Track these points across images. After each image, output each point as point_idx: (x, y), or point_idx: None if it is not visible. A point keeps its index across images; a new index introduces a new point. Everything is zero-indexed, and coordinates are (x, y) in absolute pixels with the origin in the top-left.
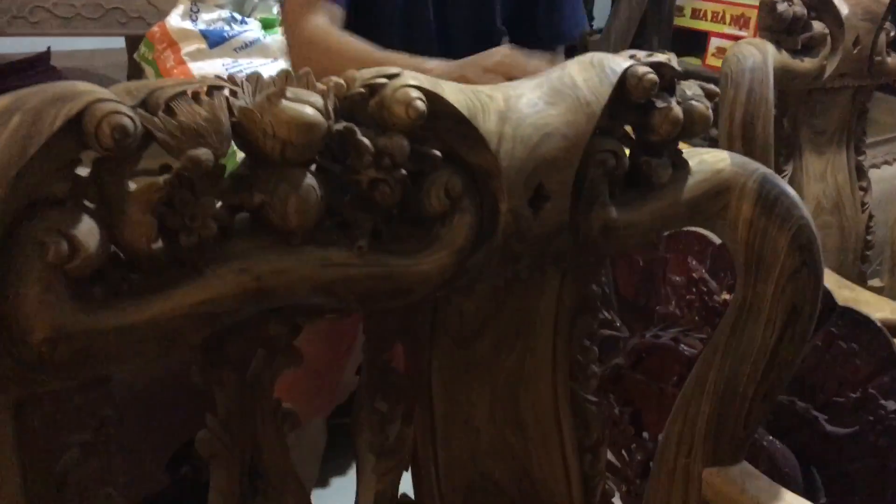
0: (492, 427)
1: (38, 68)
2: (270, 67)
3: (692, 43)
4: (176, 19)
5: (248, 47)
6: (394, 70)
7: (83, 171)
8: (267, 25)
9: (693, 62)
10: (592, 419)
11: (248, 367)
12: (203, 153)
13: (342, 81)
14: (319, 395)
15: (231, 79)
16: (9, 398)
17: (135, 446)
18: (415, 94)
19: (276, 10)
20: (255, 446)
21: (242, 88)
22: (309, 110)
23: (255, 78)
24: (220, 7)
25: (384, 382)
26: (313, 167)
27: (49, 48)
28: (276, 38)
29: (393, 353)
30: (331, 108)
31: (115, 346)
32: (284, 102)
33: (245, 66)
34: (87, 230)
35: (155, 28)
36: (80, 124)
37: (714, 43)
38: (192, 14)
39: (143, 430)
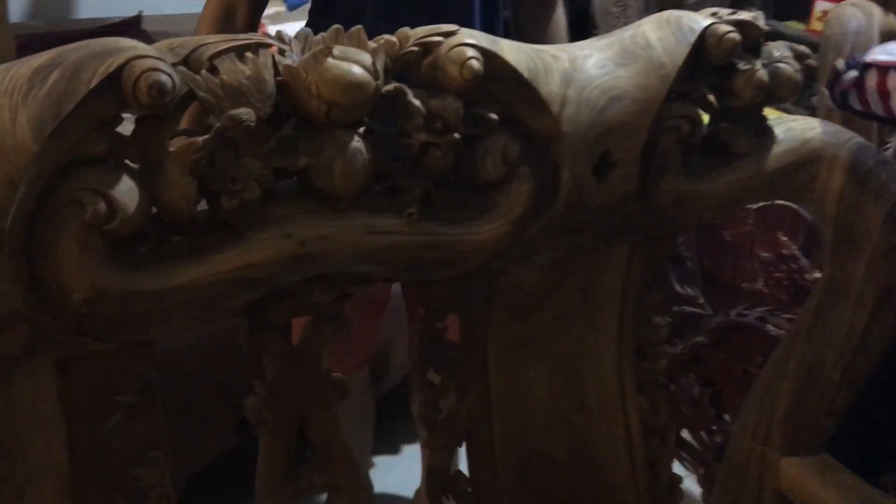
0: (551, 404)
1: (128, 33)
2: None
3: (796, 6)
4: None
5: None
6: (451, 27)
7: (126, 130)
8: None
9: (796, 27)
10: (661, 400)
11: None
12: (244, 112)
13: (394, 39)
14: (351, 355)
15: (279, 36)
16: (50, 359)
17: (201, 408)
18: (470, 52)
19: None
20: (304, 414)
21: (291, 46)
22: (356, 69)
23: (303, 35)
24: None
25: (437, 354)
26: (361, 130)
27: (140, 12)
28: None
29: (446, 324)
30: (380, 68)
31: (154, 309)
32: (330, 61)
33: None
34: (127, 191)
35: None
36: (119, 81)
37: (819, 6)
38: None
39: (210, 392)
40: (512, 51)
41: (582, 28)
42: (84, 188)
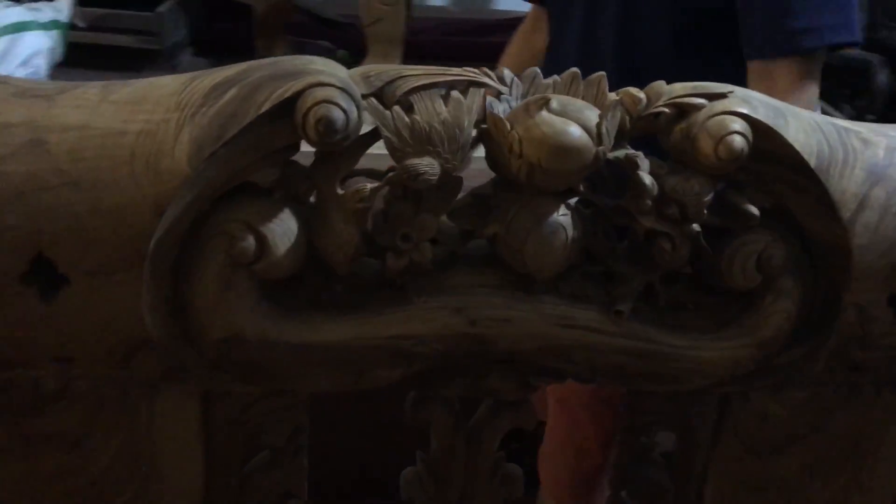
0: None
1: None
2: None
3: None
4: None
5: None
6: (724, 87)
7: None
8: None
9: None
10: None
11: (470, 412)
12: (425, 164)
13: (641, 95)
14: (561, 484)
15: (499, 76)
16: (196, 388)
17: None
18: (736, 125)
19: None
20: (466, 502)
21: (511, 89)
22: (573, 130)
23: (531, 76)
24: None
25: (637, 475)
26: (573, 200)
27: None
28: None
29: (654, 441)
30: (610, 129)
31: (296, 362)
32: (544, 115)
33: None
34: (282, 230)
35: None
36: (293, 109)
37: None
38: None
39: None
40: (801, 128)
41: None
42: (236, 220)
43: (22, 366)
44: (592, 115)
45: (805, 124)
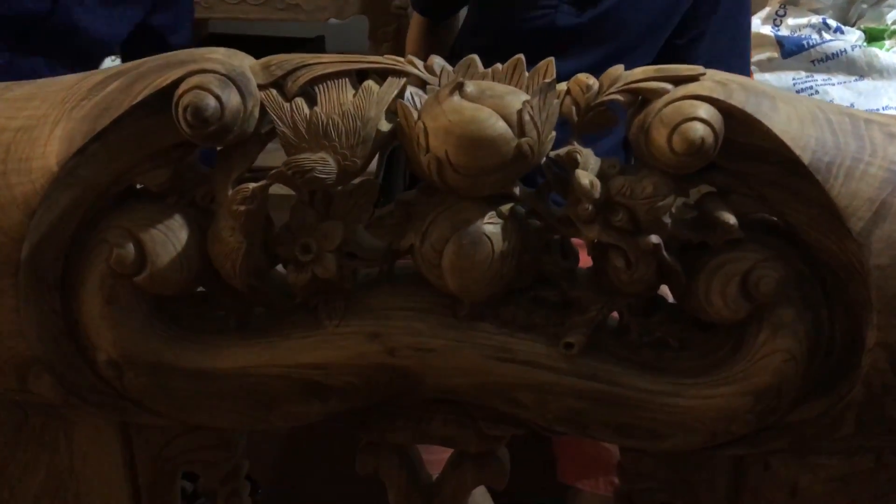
0: None
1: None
2: (852, 87)
3: None
4: (756, 23)
5: (828, 60)
6: (695, 69)
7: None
8: (873, 38)
9: None
10: None
11: (418, 463)
12: (314, 158)
13: (591, 81)
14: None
15: (428, 65)
16: (111, 419)
17: None
18: (701, 112)
19: (892, 18)
20: None
21: (441, 79)
22: (484, 116)
23: (466, 63)
24: (816, 12)
25: None
26: (507, 206)
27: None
28: (873, 52)
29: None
30: (531, 118)
31: (194, 392)
32: (454, 100)
33: (820, 82)
34: (166, 238)
35: None
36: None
37: None
38: (777, 18)
39: None
40: (794, 116)
41: None
42: (118, 226)
43: None
44: (514, 101)
45: (802, 112)
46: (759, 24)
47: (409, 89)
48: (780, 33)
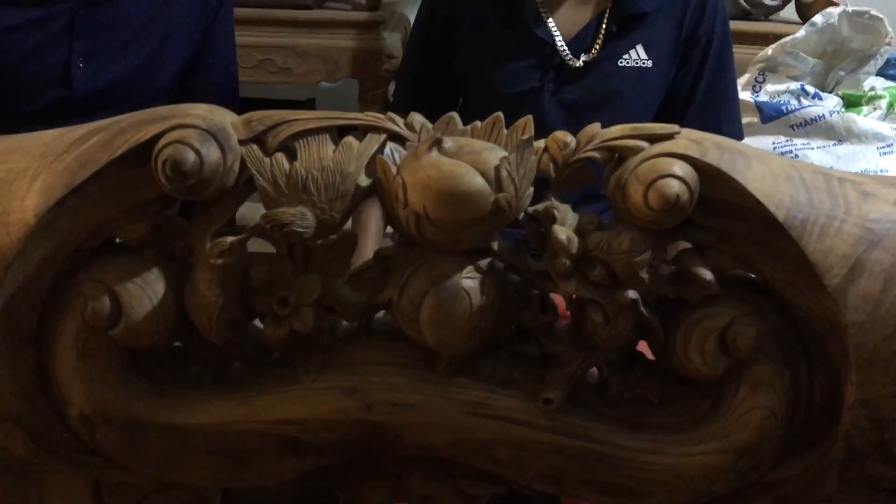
0: None
1: None
2: (830, 151)
3: None
4: None
5: (807, 125)
6: (670, 128)
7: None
8: (851, 103)
9: None
10: None
11: None
12: (291, 213)
13: (568, 139)
14: None
15: (408, 122)
16: (84, 476)
17: None
18: (676, 168)
19: (869, 84)
20: None
21: (421, 135)
22: (462, 171)
23: (445, 121)
24: (794, 78)
25: None
26: (485, 261)
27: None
28: (850, 117)
29: None
30: (508, 174)
31: (168, 448)
32: (432, 156)
33: (799, 146)
34: (143, 291)
35: None
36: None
37: None
38: (756, 84)
39: None
40: (768, 174)
41: None
42: (94, 279)
43: None
44: (492, 156)
45: (776, 170)
46: (739, 91)
47: (389, 145)
48: (759, 99)
